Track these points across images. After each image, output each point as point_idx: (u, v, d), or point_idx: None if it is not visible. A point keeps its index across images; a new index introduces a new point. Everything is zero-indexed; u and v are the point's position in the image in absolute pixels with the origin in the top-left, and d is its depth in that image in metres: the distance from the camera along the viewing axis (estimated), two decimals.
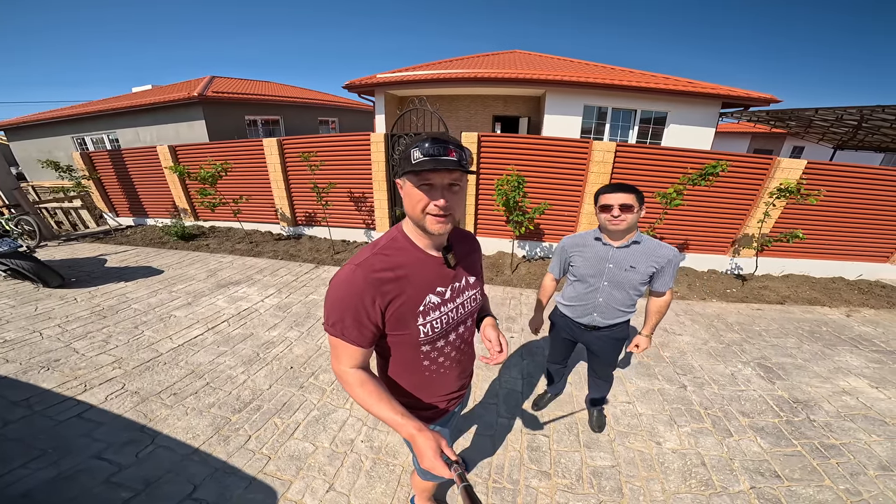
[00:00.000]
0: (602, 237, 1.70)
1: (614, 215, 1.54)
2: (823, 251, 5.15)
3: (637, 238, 1.65)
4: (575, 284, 1.86)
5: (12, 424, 2.13)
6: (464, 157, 0.85)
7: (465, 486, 0.70)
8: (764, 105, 8.28)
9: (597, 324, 1.84)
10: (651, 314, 1.82)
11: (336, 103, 16.32)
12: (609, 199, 1.55)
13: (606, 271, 1.70)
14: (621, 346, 1.95)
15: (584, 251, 1.76)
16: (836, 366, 3.11)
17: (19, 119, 14.03)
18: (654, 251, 1.63)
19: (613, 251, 1.67)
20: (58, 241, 6.29)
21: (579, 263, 1.78)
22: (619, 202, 1.52)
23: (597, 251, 1.72)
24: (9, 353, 2.84)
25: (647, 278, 1.67)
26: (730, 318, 3.95)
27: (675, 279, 1.71)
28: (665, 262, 1.62)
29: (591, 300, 1.80)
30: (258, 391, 2.54)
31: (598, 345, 1.93)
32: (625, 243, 1.64)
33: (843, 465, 2.09)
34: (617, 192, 1.54)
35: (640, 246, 1.65)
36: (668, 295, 1.75)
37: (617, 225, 1.55)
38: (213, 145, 6.32)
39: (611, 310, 1.78)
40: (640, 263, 1.63)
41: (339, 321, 0.89)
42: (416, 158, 0.82)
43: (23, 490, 1.73)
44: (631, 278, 1.66)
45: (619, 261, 1.66)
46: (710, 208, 4.93)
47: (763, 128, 15.64)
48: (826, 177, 4.63)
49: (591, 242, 1.74)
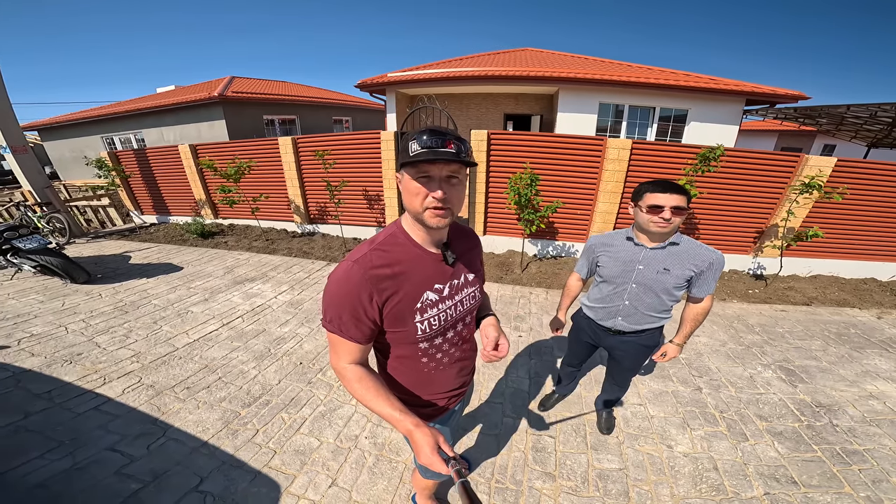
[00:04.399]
0: (634, 237, 1.58)
1: (664, 217, 1.40)
2: (854, 251, 4.90)
3: (675, 239, 1.51)
4: (601, 286, 1.76)
5: (33, 416, 2.23)
6: (462, 149, 0.83)
7: (463, 482, 0.69)
8: (791, 102, 7.94)
9: (620, 328, 1.73)
10: (686, 321, 1.68)
11: (350, 102, 16.55)
12: (660, 199, 1.40)
13: (636, 273, 1.59)
14: (648, 353, 1.82)
15: (613, 251, 1.65)
16: (864, 369, 2.96)
17: (52, 119, 14.72)
18: (693, 253, 1.50)
19: (646, 252, 1.55)
20: (86, 239, 6.54)
21: (606, 263, 1.67)
22: (673, 204, 1.38)
23: (627, 251, 1.60)
24: (35, 346, 2.97)
25: (684, 282, 1.53)
26: (751, 319, 3.80)
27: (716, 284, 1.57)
28: (706, 266, 1.49)
29: (615, 302, 1.70)
30: (268, 386, 2.59)
31: (621, 350, 1.83)
32: (660, 244, 1.52)
33: (865, 471, 1.99)
34: (670, 192, 1.39)
35: (677, 247, 1.51)
36: (707, 301, 1.60)
37: (664, 228, 1.42)
38: (232, 144, 6.47)
39: (638, 314, 1.66)
40: (675, 266, 1.51)
41: (337, 317, 0.89)
42: (414, 150, 0.81)
43: (39, 480, 1.80)
44: (664, 281, 1.54)
45: (652, 262, 1.54)
46: (731, 207, 4.75)
47: (791, 125, 15.03)
48: (858, 175, 4.40)
49: (620, 242, 1.63)
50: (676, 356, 1.81)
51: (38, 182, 6.47)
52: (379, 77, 9.07)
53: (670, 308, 1.65)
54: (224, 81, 12.59)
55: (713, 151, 4.06)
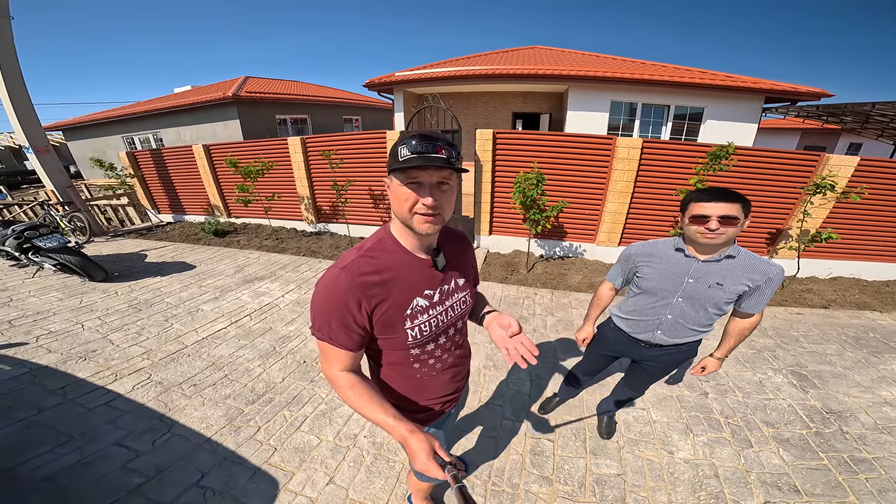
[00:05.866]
0: (685, 248, 1.44)
1: (711, 228, 1.28)
2: (878, 253, 4.72)
3: (732, 252, 1.38)
4: (639, 297, 1.62)
5: (46, 411, 2.31)
6: (453, 154, 0.83)
7: (459, 486, 0.69)
8: (813, 100, 7.66)
9: (659, 342, 1.62)
10: (731, 336, 1.56)
11: (359, 102, 16.69)
12: (704, 208, 1.29)
13: (684, 286, 1.46)
14: (680, 364, 1.73)
15: (657, 262, 1.51)
16: (881, 374, 2.86)
17: (75, 120, 15.21)
18: (750, 267, 1.37)
19: (697, 265, 1.42)
20: (105, 237, 6.74)
21: (649, 275, 1.54)
22: (720, 213, 1.26)
23: (675, 263, 1.47)
24: (52, 343, 3.09)
25: (736, 297, 1.42)
26: (764, 322, 3.70)
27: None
28: (764, 281, 1.36)
29: (656, 316, 1.58)
30: (271, 384, 2.64)
31: (654, 361, 1.72)
32: (715, 257, 1.39)
33: (871, 480, 1.93)
34: (717, 200, 1.27)
35: (734, 261, 1.38)
36: (756, 317, 1.48)
37: (713, 239, 1.30)
38: (244, 144, 6.59)
39: (680, 328, 1.55)
40: (729, 281, 1.38)
41: (326, 325, 0.89)
42: (404, 156, 0.80)
43: (47, 473, 1.88)
44: (715, 296, 1.41)
45: (704, 276, 1.41)
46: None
47: (814, 123, 14.51)
48: (883, 175, 4.24)
49: (667, 253, 1.50)
50: (717, 370, 1.68)
51: (59, 181, 6.69)
52: (387, 76, 9.11)
53: (714, 321, 1.53)
54: (238, 81, 12.82)
55: (723, 149, 3.96)
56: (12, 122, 6.13)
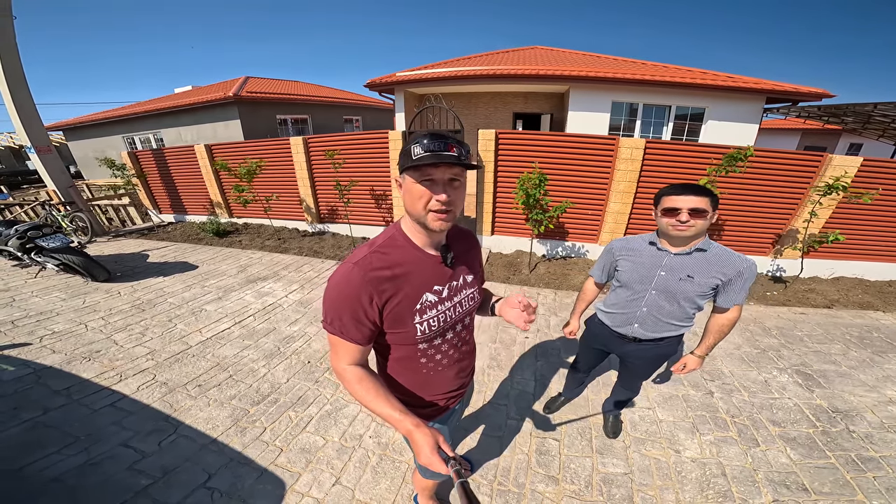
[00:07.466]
0: (658, 242, 1.52)
1: (681, 220, 1.35)
2: (881, 253, 4.72)
3: (703, 245, 1.44)
4: (618, 291, 1.70)
5: (52, 412, 2.30)
6: (464, 152, 0.85)
7: (462, 482, 0.69)
8: (814, 100, 7.66)
9: (637, 335, 1.68)
10: (710, 332, 1.60)
11: (360, 102, 16.66)
12: (675, 201, 1.36)
13: (657, 279, 1.52)
14: (663, 362, 1.77)
15: (634, 255, 1.59)
16: (886, 374, 2.86)
17: (75, 120, 15.18)
18: (721, 261, 1.42)
19: (669, 258, 1.49)
20: (107, 237, 6.73)
21: (626, 268, 1.61)
22: (690, 206, 1.33)
23: (649, 256, 1.54)
24: (56, 343, 3.08)
25: (709, 290, 1.47)
26: (768, 322, 3.70)
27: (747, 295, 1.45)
28: (734, 274, 1.41)
29: (633, 309, 1.64)
30: (276, 384, 2.64)
31: (636, 357, 1.77)
32: (685, 250, 1.45)
33: (879, 479, 1.93)
34: (686, 194, 1.34)
35: (704, 254, 1.44)
36: (733, 312, 1.51)
37: (682, 231, 1.37)
38: (246, 144, 6.59)
39: (656, 322, 1.60)
40: (700, 274, 1.44)
41: (338, 319, 0.91)
42: (417, 154, 0.82)
43: (54, 475, 1.87)
44: (686, 289, 1.47)
45: (675, 268, 1.48)
46: (749, 208, 4.61)
47: (815, 124, 14.51)
48: (886, 175, 4.24)
49: (643, 246, 1.57)
50: (697, 369, 1.72)
51: (61, 181, 6.69)
52: (388, 76, 9.10)
53: (692, 316, 1.58)
54: (239, 81, 12.79)
55: (741, 151, 3.88)
56: (14, 121, 6.13)
